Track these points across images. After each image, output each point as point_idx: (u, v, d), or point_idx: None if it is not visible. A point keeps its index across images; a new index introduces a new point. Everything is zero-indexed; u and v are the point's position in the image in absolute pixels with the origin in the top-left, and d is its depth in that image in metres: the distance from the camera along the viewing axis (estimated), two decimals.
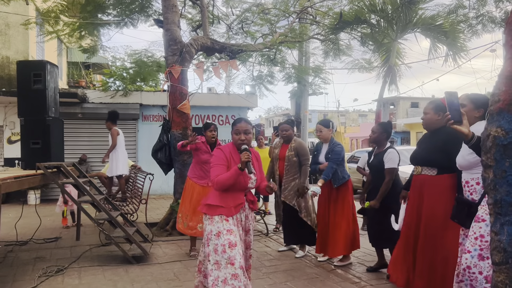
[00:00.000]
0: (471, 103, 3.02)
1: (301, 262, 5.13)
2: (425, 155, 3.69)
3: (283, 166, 5.43)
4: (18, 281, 4.43)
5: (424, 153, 3.71)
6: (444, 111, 3.67)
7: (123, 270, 4.80)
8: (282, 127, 5.54)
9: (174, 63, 6.96)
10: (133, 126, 12.09)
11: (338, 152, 5.05)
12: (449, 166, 3.34)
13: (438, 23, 8.91)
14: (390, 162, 4.44)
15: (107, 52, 12.20)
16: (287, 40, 9.68)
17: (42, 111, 5.47)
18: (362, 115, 58.28)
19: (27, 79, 5.47)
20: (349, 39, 10.58)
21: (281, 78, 12.13)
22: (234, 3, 10.61)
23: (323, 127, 5.20)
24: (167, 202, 9.07)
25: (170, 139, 6.89)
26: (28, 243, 6.11)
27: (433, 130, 3.72)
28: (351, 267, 4.92)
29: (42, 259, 5.29)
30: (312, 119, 38.84)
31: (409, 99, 35.56)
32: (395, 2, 8.77)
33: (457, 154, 3.20)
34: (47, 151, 5.47)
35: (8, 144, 11.28)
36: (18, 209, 6.58)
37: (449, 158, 3.27)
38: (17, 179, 4.51)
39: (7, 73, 10.93)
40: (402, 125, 31.46)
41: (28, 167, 5.41)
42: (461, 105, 2.89)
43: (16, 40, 11.05)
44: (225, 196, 3.15)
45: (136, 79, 11.98)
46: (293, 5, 10.57)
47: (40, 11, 9.53)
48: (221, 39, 10.23)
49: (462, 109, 2.75)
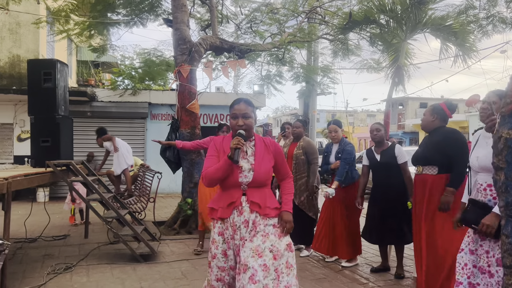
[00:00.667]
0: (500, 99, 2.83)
1: (308, 263, 5.12)
2: (425, 155, 3.85)
3: (291, 164, 5.42)
4: (27, 278, 4.47)
5: (424, 153, 3.86)
6: (440, 113, 3.85)
7: (131, 268, 4.83)
8: (294, 124, 5.57)
9: (183, 62, 6.97)
10: (141, 124, 12.15)
11: (349, 151, 5.03)
12: (449, 166, 3.52)
13: (448, 23, 8.83)
14: (402, 156, 4.45)
15: (116, 51, 12.24)
16: (296, 40, 9.66)
17: (52, 110, 5.50)
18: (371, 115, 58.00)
19: (38, 77, 5.51)
20: (358, 39, 10.55)
21: (289, 78, 12.12)
22: (243, 2, 10.62)
23: (338, 128, 5.18)
24: (175, 201, 9.10)
25: (178, 138, 6.91)
26: (37, 240, 6.16)
27: (431, 131, 3.90)
28: (358, 267, 4.90)
29: (50, 257, 5.33)
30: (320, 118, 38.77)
31: (418, 99, 35.32)
32: (405, 2, 8.70)
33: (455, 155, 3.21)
34: (56, 149, 5.50)
35: (18, 142, 11.38)
36: (27, 207, 6.63)
37: (448, 157, 3.34)
38: (27, 177, 4.55)
39: (17, 71, 11.04)
40: (411, 125, 31.29)
41: (37, 165, 5.45)
42: (491, 102, 2.77)
43: (27, 39, 11.15)
44: (221, 195, 2.71)
45: (145, 78, 12.03)
46: (302, 5, 10.55)
47: (51, 10, 9.60)
48: (230, 38, 10.26)
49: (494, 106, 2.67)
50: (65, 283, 4.34)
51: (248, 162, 2.67)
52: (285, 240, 2.59)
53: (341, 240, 4.95)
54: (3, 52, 11.05)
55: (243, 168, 2.64)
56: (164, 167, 7.16)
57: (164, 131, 7.57)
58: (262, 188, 2.66)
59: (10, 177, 4.00)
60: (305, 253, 5.41)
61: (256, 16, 10.50)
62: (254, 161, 2.66)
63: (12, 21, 10.87)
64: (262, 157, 2.68)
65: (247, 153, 2.70)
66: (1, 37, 11.04)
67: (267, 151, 2.73)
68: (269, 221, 2.60)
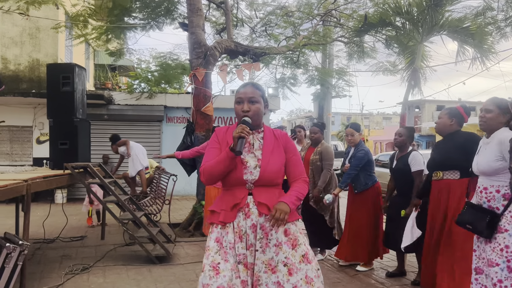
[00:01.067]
0: (497, 108, 2.92)
1: (323, 267, 5.09)
2: (445, 159, 3.73)
3: (307, 170, 5.37)
4: (45, 278, 4.55)
5: (444, 157, 3.74)
6: (458, 117, 3.79)
7: (146, 270, 4.88)
8: (312, 129, 5.44)
9: (199, 66, 7.03)
10: (157, 127, 12.27)
11: (359, 157, 4.88)
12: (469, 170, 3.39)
13: (465, 25, 8.73)
14: (416, 164, 4.35)
15: (133, 54, 12.41)
16: (311, 43, 9.66)
17: (70, 113, 5.59)
18: (386, 118, 57.50)
19: (56, 81, 5.60)
20: (374, 41, 10.49)
21: (304, 81, 12.09)
22: (258, 6, 10.65)
23: (355, 131, 5.08)
24: (190, 203, 9.17)
25: (193, 141, 6.96)
26: (55, 241, 6.27)
27: (448, 134, 3.81)
28: (373, 272, 4.86)
29: (68, 257, 5.42)
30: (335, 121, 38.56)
31: (434, 102, 34.90)
32: (421, 4, 8.64)
33: None
34: (74, 151, 5.59)
35: (37, 144, 11.61)
36: (45, 208, 6.75)
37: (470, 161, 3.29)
38: (46, 179, 4.63)
39: (37, 75, 11.27)
40: (428, 128, 30.87)
41: (56, 167, 5.55)
42: (487, 110, 2.91)
43: (46, 43, 11.38)
44: (224, 195, 2.33)
45: (160, 81, 12.15)
46: (317, 8, 10.54)
47: (70, 15, 9.79)
48: (245, 41, 10.30)
49: (488, 115, 2.74)
50: (82, 283, 4.41)
51: (255, 157, 2.28)
52: (300, 250, 2.21)
53: (359, 244, 4.86)
54: (23, 57, 11.30)
55: (248, 164, 2.26)
56: (179, 170, 7.22)
57: (180, 134, 7.64)
58: (272, 188, 2.29)
59: (29, 179, 4.08)
60: (319, 257, 5.37)
61: (271, 19, 10.53)
62: (261, 156, 2.28)
63: (32, 26, 11.11)
64: (272, 151, 2.29)
65: (253, 146, 2.31)
66: (21, 41, 11.29)
67: (277, 145, 2.34)
68: (280, 227, 2.21)
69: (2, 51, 11.23)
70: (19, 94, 10.57)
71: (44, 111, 6.83)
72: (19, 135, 11.62)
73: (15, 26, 11.15)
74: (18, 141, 11.64)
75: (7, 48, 11.24)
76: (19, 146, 11.65)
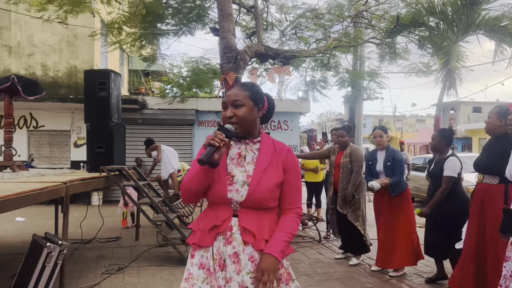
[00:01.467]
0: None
1: (355, 271, 5.04)
2: (487, 162, 3.56)
3: (338, 173, 5.34)
4: (83, 277, 4.71)
5: (487, 160, 3.57)
6: None
7: (179, 271, 4.96)
8: (339, 133, 5.40)
9: (229, 70, 7.10)
10: (189, 131, 12.46)
11: (400, 160, 4.82)
12: None
13: (503, 24, 8.44)
14: (449, 170, 4.22)
15: (165, 60, 12.65)
16: (341, 45, 9.57)
17: (106, 117, 5.76)
18: (420, 120, 56.15)
19: (93, 87, 5.79)
20: (406, 42, 10.28)
21: (334, 83, 11.99)
22: (288, 9, 10.66)
23: (384, 133, 4.97)
24: None
25: None
26: (91, 241, 6.48)
27: (497, 135, 3.57)
28: (406, 277, 4.76)
29: (104, 257, 5.59)
30: (367, 124, 37.97)
31: (471, 103, 33.83)
32: (456, 3, 8.41)
33: None
34: (110, 155, 5.75)
35: (75, 148, 12.02)
36: (82, 209, 6.98)
37: None
38: (83, 181, 4.80)
39: (74, 81, 11.69)
40: (463, 131, 29.96)
41: (92, 169, 5.72)
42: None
43: (83, 50, 11.80)
44: (206, 213, 1.95)
45: (192, 86, 12.34)
46: (347, 10, 10.44)
47: (105, 23, 10.11)
48: (275, 45, 10.31)
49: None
50: (117, 283, 4.54)
51: (244, 172, 1.87)
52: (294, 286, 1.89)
53: (393, 249, 4.75)
54: (62, 63, 11.75)
55: (235, 179, 1.85)
56: None
57: None
58: (262, 212, 1.85)
59: (68, 181, 4.25)
60: (354, 261, 5.31)
61: (301, 22, 10.51)
62: (252, 172, 1.86)
63: (69, 34, 11.55)
64: (266, 168, 1.86)
65: (245, 159, 1.90)
66: (60, 49, 11.75)
67: (275, 161, 1.90)
68: (255, 257, 1.81)
69: (42, 59, 11.72)
70: (57, 99, 11.00)
71: (81, 116, 7.07)
72: (57, 139, 12.06)
73: (54, 35, 11.63)
74: (57, 144, 12.09)
75: (46, 56, 11.72)
76: (57, 150, 12.09)
